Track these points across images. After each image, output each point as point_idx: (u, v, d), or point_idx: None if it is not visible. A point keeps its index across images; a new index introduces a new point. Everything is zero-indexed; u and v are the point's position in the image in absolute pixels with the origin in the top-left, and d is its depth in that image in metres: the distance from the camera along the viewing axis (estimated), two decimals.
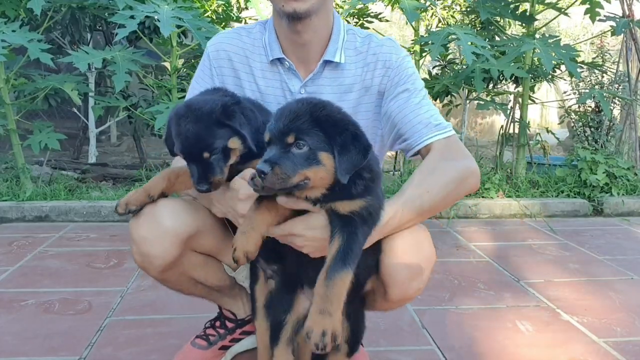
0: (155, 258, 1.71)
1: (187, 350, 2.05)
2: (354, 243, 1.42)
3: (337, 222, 1.44)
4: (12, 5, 4.59)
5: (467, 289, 3.01)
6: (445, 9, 6.28)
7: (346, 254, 1.40)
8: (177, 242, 1.70)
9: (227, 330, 2.07)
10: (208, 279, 1.93)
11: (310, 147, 1.35)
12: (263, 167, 1.30)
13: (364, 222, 1.45)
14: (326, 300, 1.35)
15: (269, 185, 1.32)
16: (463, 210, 4.72)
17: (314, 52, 1.80)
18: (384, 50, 1.82)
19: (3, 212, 4.38)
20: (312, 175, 1.36)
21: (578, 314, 2.67)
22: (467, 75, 4.95)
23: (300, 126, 1.35)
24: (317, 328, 1.33)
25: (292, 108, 1.39)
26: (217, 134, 1.52)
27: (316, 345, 1.32)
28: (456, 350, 2.28)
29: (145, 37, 5.11)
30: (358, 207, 1.44)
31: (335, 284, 1.36)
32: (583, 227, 4.47)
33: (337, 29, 1.82)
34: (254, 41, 1.85)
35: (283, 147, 1.35)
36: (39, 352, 2.22)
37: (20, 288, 2.93)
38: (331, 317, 1.34)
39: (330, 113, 1.41)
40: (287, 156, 1.34)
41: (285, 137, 1.34)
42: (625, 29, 5.06)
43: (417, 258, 1.59)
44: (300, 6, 1.64)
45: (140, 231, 1.69)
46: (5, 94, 4.55)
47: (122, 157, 6.91)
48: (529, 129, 5.51)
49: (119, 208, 1.66)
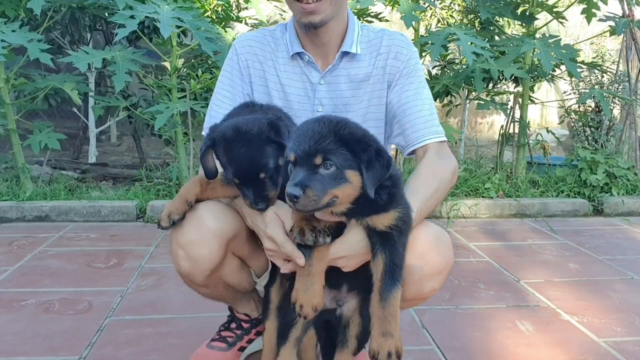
0: (204, 261, 1.72)
1: (205, 353, 2.04)
2: (397, 257, 1.47)
3: (376, 239, 1.48)
4: (12, 5, 4.59)
5: (467, 288, 3.01)
6: (444, 9, 6.28)
7: (393, 271, 1.45)
8: (223, 243, 1.72)
9: (244, 331, 2.09)
10: (242, 282, 1.95)
11: (337, 166, 1.37)
12: (295, 191, 1.31)
13: (401, 233, 1.49)
14: (385, 322, 1.42)
15: (301, 209, 1.34)
16: (463, 210, 4.73)
17: (331, 48, 1.91)
18: (396, 43, 1.93)
19: (3, 212, 4.39)
20: (340, 194, 1.38)
21: (578, 314, 2.67)
22: (467, 75, 4.95)
23: (326, 147, 1.36)
24: (383, 350, 1.40)
25: (314, 128, 1.40)
26: (269, 153, 1.53)
27: None
28: (456, 350, 2.28)
29: (145, 36, 5.11)
30: (394, 220, 1.48)
31: (390, 304, 1.43)
32: (583, 227, 4.47)
33: (352, 25, 1.92)
34: (276, 40, 1.97)
35: (311, 169, 1.36)
36: (39, 352, 2.22)
37: (20, 288, 2.93)
38: (393, 337, 1.42)
39: (352, 131, 1.43)
40: (316, 177, 1.35)
41: (313, 159, 1.36)
42: (625, 29, 5.06)
43: (437, 259, 1.63)
44: (315, 18, 1.76)
45: (185, 236, 1.69)
46: (5, 94, 4.55)
47: (122, 157, 6.92)
48: (529, 128, 5.51)
49: (163, 222, 1.64)
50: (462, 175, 5.10)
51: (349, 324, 1.73)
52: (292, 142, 1.41)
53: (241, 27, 6.69)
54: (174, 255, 1.75)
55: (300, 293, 1.47)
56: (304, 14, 1.75)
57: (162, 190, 4.80)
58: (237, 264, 1.88)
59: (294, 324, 1.72)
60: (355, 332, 1.73)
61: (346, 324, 1.73)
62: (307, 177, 1.35)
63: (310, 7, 1.73)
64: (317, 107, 1.91)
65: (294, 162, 1.39)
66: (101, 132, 7.07)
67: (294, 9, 1.79)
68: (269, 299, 1.86)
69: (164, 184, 4.93)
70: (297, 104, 1.92)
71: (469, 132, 8.89)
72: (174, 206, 1.66)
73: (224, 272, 1.83)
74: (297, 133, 1.42)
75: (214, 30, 4.41)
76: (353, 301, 1.71)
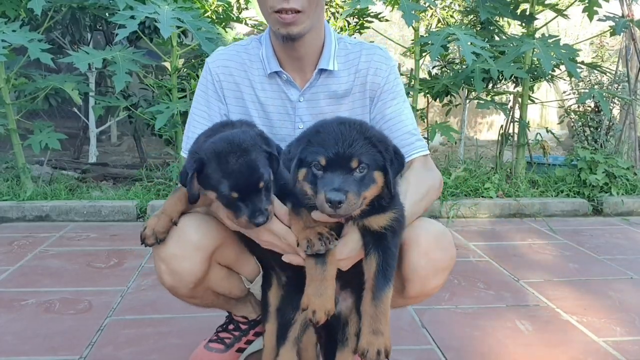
0: (187, 274, 1.71)
1: (202, 355, 2.04)
2: (390, 258, 1.49)
3: (369, 239, 1.49)
4: (12, 5, 4.60)
5: (467, 288, 3.01)
6: (444, 9, 6.28)
7: (386, 271, 1.47)
8: (205, 256, 1.70)
9: (242, 332, 2.09)
10: (232, 291, 1.94)
11: (368, 168, 1.39)
12: (338, 196, 1.31)
13: (394, 234, 1.51)
14: (376, 320, 1.44)
15: (342, 214, 1.35)
16: (463, 210, 4.73)
17: (308, 63, 1.88)
18: (375, 59, 1.90)
19: (3, 211, 4.39)
20: (369, 195, 1.40)
21: (578, 314, 2.67)
22: (466, 75, 4.95)
23: (360, 150, 1.38)
24: (372, 348, 1.42)
25: (343, 131, 1.40)
26: (265, 162, 1.50)
27: None
28: (456, 349, 2.29)
29: (145, 37, 5.11)
30: (389, 221, 1.49)
31: (382, 302, 1.45)
32: (582, 227, 4.47)
33: (329, 39, 1.89)
34: (251, 56, 1.92)
35: (346, 172, 1.36)
36: (39, 352, 2.22)
37: (21, 288, 2.94)
38: (382, 336, 1.43)
39: (374, 132, 1.46)
40: (352, 181, 1.36)
41: (349, 162, 1.36)
42: (625, 29, 5.06)
43: (441, 255, 1.65)
44: (293, 29, 1.73)
45: (167, 250, 1.68)
46: (6, 94, 4.55)
47: (123, 156, 6.92)
48: (528, 128, 5.52)
49: (148, 240, 1.62)
50: (462, 175, 5.10)
51: (347, 322, 1.74)
52: (318, 147, 1.39)
53: (241, 27, 6.70)
54: (157, 269, 1.74)
55: (312, 298, 1.46)
56: (283, 25, 1.72)
57: (162, 190, 4.80)
58: (224, 273, 1.87)
59: (292, 324, 1.73)
60: (355, 330, 1.73)
61: (345, 322, 1.75)
62: (344, 181, 1.34)
63: (288, 18, 1.70)
64: (298, 124, 1.88)
65: (324, 166, 1.37)
66: (101, 132, 7.08)
67: (271, 20, 1.74)
68: (267, 301, 1.87)
69: (164, 183, 4.94)
70: (277, 121, 1.90)
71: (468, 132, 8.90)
72: (160, 224, 1.63)
73: (211, 283, 1.82)
74: (322, 137, 1.40)
75: (214, 30, 4.41)
76: (350, 300, 1.72)
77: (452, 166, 5.40)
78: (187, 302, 1.90)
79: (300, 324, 1.74)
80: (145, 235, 1.62)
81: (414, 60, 5.25)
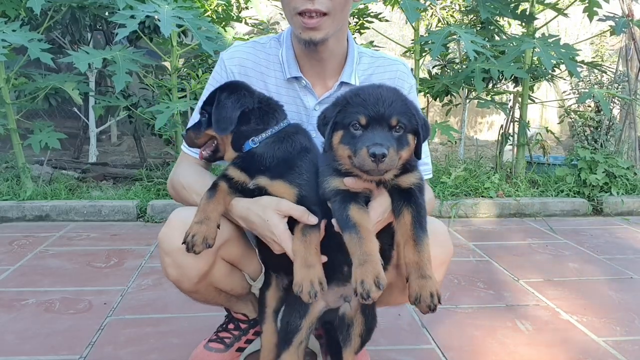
0: (192, 269, 1.71)
1: (202, 354, 2.04)
2: (423, 210, 1.52)
3: (399, 198, 1.52)
4: (12, 5, 4.60)
5: (467, 288, 3.02)
6: (444, 8, 6.28)
7: (421, 222, 1.50)
8: (211, 251, 1.66)
9: (241, 331, 2.09)
10: (234, 288, 1.94)
11: (405, 129, 1.44)
12: (382, 150, 1.35)
13: (421, 192, 1.54)
14: (422, 266, 1.44)
15: (383, 168, 1.38)
16: (463, 209, 4.73)
17: (330, 69, 1.85)
18: (399, 76, 1.90)
19: (4, 211, 4.39)
20: (404, 155, 1.45)
21: (577, 313, 2.67)
22: (466, 75, 4.95)
23: (398, 110, 1.42)
24: (424, 291, 1.41)
25: (383, 93, 1.45)
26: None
27: (428, 306, 1.41)
28: (456, 349, 2.29)
29: (145, 36, 5.11)
30: (417, 179, 1.54)
31: (424, 249, 1.46)
32: (582, 227, 4.47)
33: (352, 51, 1.87)
34: (269, 57, 1.88)
35: (386, 130, 1.41)
36: (40, 351, 2.22)
37: (21, 287, 2.94)
38: (431, 279, 1.43)
39: (406, 98, 1.51)
40: (391, 138, 1.41)
41: (389, 121, 1.41)
42: (625, 28, 5.06)
43: (438, 251, 1.64)
44: (316, 35, 1.69)
45: (173, 243, 1.65)
46: (6, 94, 4.55)
47: (123, 156, 6.91)
48: (528, 128, 5.52)
49: (198, 247, 1.54)
50: (462, 175, 5.10)
51: (352, 323, 1.74)
52: (358, 107, 1.43)
53: (241, 27, 6.69)
54: (162, 262, 1.74)
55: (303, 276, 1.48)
56: (305, 30, 1.68)
57: (162, 190, 4.80)
58: (227, 270, 1.86)
59: (299, 329, 1.71)
60: (359, 330, 1.74)
61: (350, 322, 1.74)
62: (386, 138, 1.39)
63: (312, 22, 1.65)
64: (312, 133, 1.80)
65: (364, 125, 1.41)
66: (101, 131, 7.08)
67: (294, 23, 1.70)
68: (264, 302, 1.87)
69: (164, 183, 4.93)
70: None
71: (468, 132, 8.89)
72: (209, 231, 1.55)
73: (214, 279, 1.82)
74: (361, 98, 1.45)
75: (214, 29, 4.41)
76: (355, 300, 1.71)
77: (452, 166, 5.40)
78: (190, 297, 1.90)
79: (306, 329, 1.72)
80: (194, 243, 1.54)
81: (414, 60, 5.25)
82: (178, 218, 1.69)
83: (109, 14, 5.13)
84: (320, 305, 1.71)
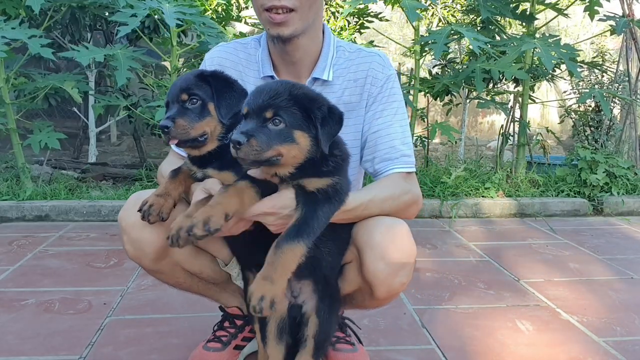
0: (147, 244, 1.72)
1: (201, 355, 2.03)
2: (312, 218, 1.46)
3: (301, 198, 1.49)
4: (12, 4, 4.59)
5: (467, 288, 3.01)
6: (445, 8, 6.28)
7: (301, 227, 1.44)
8: (164, 224, 1.65)
9: (237, 329, 2.08)
10: (203, 270, 1.93)
11: (286, 124, 1.40)
12: (239, 137, 1.34)
13: (327, 199, 1.50)
14: (272, 268, 1.39)
15: (242, 157, 1.36)
16: (463, 209, 4.73)
17: (304, 69, 1.86)
18: (374, 67, 1.87)
19: (3, 211, 4.39)
20: (285, 152, 1.41)
21: (578, 314, 2.67)
22: (467, 75, 4.95)
23: (279, 103, 1.40)
24: (257, 292, 1.37)
25: (271, 86, 1.45)
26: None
27: (253, 308, 1.36)
28: (456, 349, 2.28)
29: (145, 36, 5.11)
30: (325, 185, 1.49)
31: (283, 252, 1.40)
32: (583, 227, 4.47)
33: (327, 46, 1.86)
34: (249, 56, 1.91)
35: (260, 122, 1.40)
36: (40, 352, 2.22)
37: (21, 287, 2.94)
38: (272, 285, 1.37)
39: (307, 92, 1.48)
40: (263, 131, 1.38)
41: (264, 113, 1.40)
42: (626, 28, 5.06)
43: (397, 254, 1.62)
44: (284, 31, 1.70)
45: (128, 219, 1.71)
46: (6, 93, 4.55)
47: (122, 156, 6.91)
48: (529, 128, 5.52)
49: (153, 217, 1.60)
50: (462, 175, 5.10)
51: (308, 323, 1.72)
52: (248, 97, 1.45)
53: (241, 26, 6.70)
54: (122, 241, 1.77)
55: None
56: (273, 25, 1.69)
57: None
58: (190, 250, 1.85)
59: (266, 322, 1.73)
60: (313, 332, 1.71)
61: (306, 322, 1.72)
62: (254, 128, 1.38)
63: (279, 17, 1.67)
64: None
65: (245, 115, 1.42)
66: (101, 131, 7.07)
67: (262, 19, 1.72)
68: None
69: None
70: None
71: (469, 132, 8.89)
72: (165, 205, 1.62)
73: (177, 258, 1.82)
74: (254, 91, 1.46)
75: (217, 27, 4.41)
76: (312, 301, 1.70)
77: (452, 166, 5.40)
78: (156, 278, 1.90)
79: (275, 322, 1.72)
80: (150, 213, 1.61)
81: (414, 60, 5.25)
82: (135, 197, 1.73)
83: (109, 13, 5.13)
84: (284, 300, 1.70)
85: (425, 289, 2.95)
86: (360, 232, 1.67)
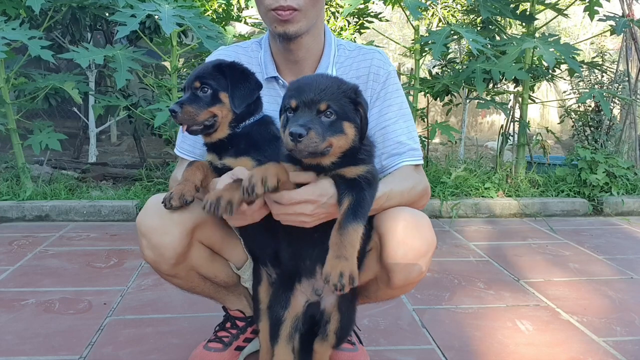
0: (167, 249, 1.72)
1: (202, 355, 2.04)
2: (363, 200, 1.51)
3: (344, 186, 1.52)
4: (12, 4, 4.60)
5: (467, 288, 3.01)
6: (445, 8, 6.28)
7: (356, 209, 1.48)
8: (185, 231, 1.71)
9: (239, 330, 2.09)
10: (217, 274, 1.93)
11: (337, 116, 1.44)
12: (300, 130, 1.36)
13: (368, 185, 1.53)
14: (341, 247, 1.43)
15: (302, 148, 1.38)
16: (463, 209, 4.73)
17: (307, 69, 1.89)
18: (374, 63, 1.91)
19: (3, 211, 4.39)
20: (335, 143, 1.45)
21: (578, 313, 2.67)
22: (467, 75, 4.95)
23: (330, 97, 1.44)
24: (335, 270, 1.40)
25: (317, 80, 1.48)
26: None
27: (335, 285, 1.38)
28: (456, 349, 2.28)
29: (145, 36, 5.11)
30: (363, 171, 1.53)
31: (348, 232, 1.44)
32: (583, 227, 4.47)
33: (329, 45, 1.90)
34: (251, 59, 1.94)
35: (313, 115, 1.42)
36: (40, 351, 2.22)
37: (21, 287, 2.94)
38: (347, 261, 1.41)
39: (348, 83, 1.53)
40: (318, 122, 1.42)
41: (317, 105, 1.43)
42: (625, 28, 5.06)
43: (419, 241, 1.64)
44: (290, 28, 1.74)
45: (148, 222, 1.71)
46: (6, 94, 4.55)
47: (122, 156, 6.91)
48: (528, 128, 5.52)
49: (175, 201, 1.62)
50: (462, 175, 5.10)
51: (330, 320, 1.75)
52: (291, 92, 1.47)
53: (241, 26, 6.69)
54: (140, 245, 1.77)
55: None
56: (280, 23, 1.73)
57: (162, 190, 4.80)
58: (207, 254, 1.87)
59: (282, 321, 1.73)
60: (334, 327, 1.75)
61: (328, 319, 1.75)
62: (310, 120, 1.40)
63: (285, 15, 1.71)
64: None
65: (294, 108, 1.44)
66: (101, 131, 7.08)
67: (268, 18, 1.76)
68: (258, 299, 1.87)
69: (164, 183, 4.93)
70: None
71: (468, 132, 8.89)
72: (186, 189, 1.65)
73: (194, 263, 1.82)
74: (296, 85, 1.49)
75: (216, 28, 4.41)
76: (333, 296, 1.72)
77: (452, 166, 5.40)
78: (171, 282, 1.89)
79: (290, 322, 1.74)
80: (171, 197, 1.63)
81: (414, 60, 5.25)
82: (153, 201, 1.74)
83: (109, 14, 5.13)
84: (303, 299, 1.73)
85: (425, 289, 2.96)
86: (383, 220, 1.68)
